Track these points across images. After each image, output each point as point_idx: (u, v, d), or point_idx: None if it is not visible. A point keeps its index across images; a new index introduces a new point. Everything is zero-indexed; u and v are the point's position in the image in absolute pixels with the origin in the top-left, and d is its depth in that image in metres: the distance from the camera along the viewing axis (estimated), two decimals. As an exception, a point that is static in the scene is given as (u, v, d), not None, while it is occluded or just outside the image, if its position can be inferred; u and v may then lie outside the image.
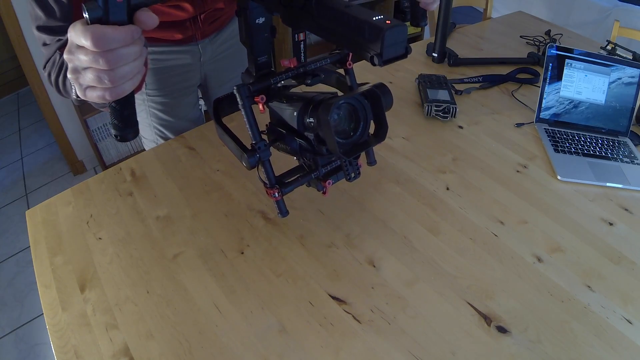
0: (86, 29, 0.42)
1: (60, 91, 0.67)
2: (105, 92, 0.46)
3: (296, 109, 0.59)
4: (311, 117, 0.57)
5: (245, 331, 0.64)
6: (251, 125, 0.59)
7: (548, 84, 1.04)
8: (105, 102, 0.48)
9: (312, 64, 0.61)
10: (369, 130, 0.59)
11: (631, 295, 0.69)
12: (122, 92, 0.47)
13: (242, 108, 0.57)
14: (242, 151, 0.60)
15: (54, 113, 2.09)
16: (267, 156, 0.61)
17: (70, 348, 0.63)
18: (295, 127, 0.60)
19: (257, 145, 0.59)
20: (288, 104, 0.61)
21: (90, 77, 0.45)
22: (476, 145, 0.98)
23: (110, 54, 0.43)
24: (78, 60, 0.45)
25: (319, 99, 0.58)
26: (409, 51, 0.45)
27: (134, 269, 0.73)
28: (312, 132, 0.59)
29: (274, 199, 0.63)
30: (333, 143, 0.53)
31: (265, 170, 0.62)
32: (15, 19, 1.79)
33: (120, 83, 0.46)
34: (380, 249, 0.75)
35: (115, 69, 0.45)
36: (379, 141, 0.58)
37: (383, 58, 0.42)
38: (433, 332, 0.64)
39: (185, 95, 1.08)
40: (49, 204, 0.86)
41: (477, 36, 1.46)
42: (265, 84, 0.58)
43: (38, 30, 0.65)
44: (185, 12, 0.86)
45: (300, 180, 0.64)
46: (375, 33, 0.42)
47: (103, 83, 0.45)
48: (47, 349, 1.56)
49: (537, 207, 0.83)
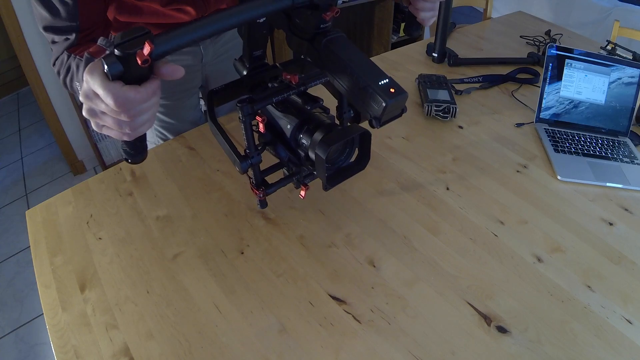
0: (107, 90, 0.42)
1: (69, 89, 0.69)
2: (123, 135, 0.48)
3: (291, 123, 0.61)
4: (305, 138, 0.60)
5: (245, 331, 0.64)
6: (248, 139, 0.61)
7: (548, 84, 1.04)
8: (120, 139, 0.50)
9: (313, 81, 0.62)
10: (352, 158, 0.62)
11: (631, 295, 0.69)
12: (139, 134, 0.49)
13: (242, 124, 0.59)
14: (235, 156, 0.62)
15: (54, 113, 2.09)
16: (259, 162, 0.63)
17: (70, 348, 0.63)
18: (287, 137, 0.62)
19: (251, 154, 0.62)
20: (283, 113, 0.62)
21: (110, 122, 0.46)
22: (476, 145, 0.98)
23: (132, 111, 0.44)
24: (97, 106, 0.45)
25: (315, 121, 0.60)
26: (405, 111, 0.49)
27: (134, 269, 0.73)
28: (303, 151, 0.62)
29: (259, 198, 0.68)
30: (323, 176, 0.57)
31: (253, 172, 0.65)
32: (15, 19, 1.78)
33: (138, 129, 0.48)
34: (380, 249, 0.75)
35: (134, 119, 0.46)
36: (360, 169, 0.61)
37: (380, 122, 0.46)
38: (433, 332, 0.64)
39: (187, 97, 1.08)
40: (49, 204, 0.86)
41: (477, 36, 1.46)
42: (267, 102, 0.59)
43: (45, 30, 0.66)
44: (188, 15, 0.86)
45: (283, 182, 0.69)
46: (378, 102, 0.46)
47: (122, 130, 0.46)
48: (47, 349, 1.56)
49: (537, 207, 0.83)
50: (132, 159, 0.56)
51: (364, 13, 2.64)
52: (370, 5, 2.52)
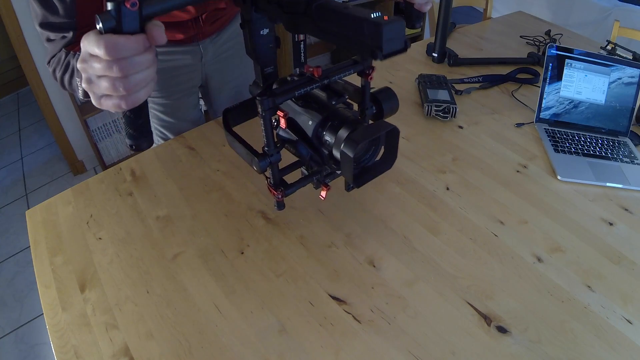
0: (99, 38, 0.43)
1: (65, 87, 0.68)
2: (120, 100, 0.47)
3: (313, 119, 0.58)
4: (328, 135, 0.57)
5: (245, 331, 0.64)
6: (268, 136, 0.58)
7: (548, 84, 1.04)
8: (120, 110, 0.49)
9: (336, 74, 0.59)
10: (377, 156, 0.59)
11: (631, 295, 0.69)
12: (137, 100, 0.48)
13: (262, 119, 0.56)
14: (252, 155, 0.59)
15: (54, 113, 2.09)
16: (278, 160, 0.60)
17: (70, 348, 0.63)
18: (309, 135, 0.59)
19: (270, 152, 0.59)
20: (304, 108, 0.59)
21: (105, 85, 0.46)
22: (476, 145, 0.98)
23: (123, 62, 0.44)
24: (92, 69, 0.46)
25: (340, 117, 0.57)
26: (408, 45, 0.46)
27: (134, 269, 0.73)
28: (326, 149, 0.58)
29: (277, 199, 0.64)
30: (349, 175, 0.54)
31: (272, 171, 0.62)
32: (15, 19, 1.78)
33: (135, 91, 0.47)
34: (380, 249, 0.75)
35: (129, 77, 0.45)
36: (386, 168, 0.59)
37: (383, 52, 0.44)
38: (433, 332, 0.64)
39: (187, 97, 1.08)
40: (49, 204, 0.86)
41: (477, 36, 1.46)
42: (289, 96, 0.56)
43: (41, 27, 0.65)
44: (187, 13, 0.86)
45: (304, 182, 0.65)
46: (374, 29, 0.43)
47: (118, 91, 0.46)
48: (47, 349, 1.56)
49: (537, 207, 0.83)
50: (135, 142, 0.53)
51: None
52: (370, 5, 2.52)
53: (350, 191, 0.69)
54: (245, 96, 1.17)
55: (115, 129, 2.24)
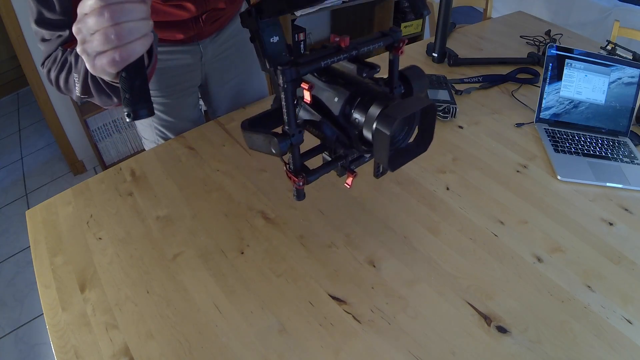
0: None
1: (61, 88, 0.66)
2: (114, 53, 0.45)
3: (339, 96, 0.52)
4: (358, 112, 0.51)
5: (245, 331, 0.64)
6: (289, 113, 0.51)
7: (548, 84, 1.04)
8: (115, 67, 0.47)
9: (364, 46, 0.53)
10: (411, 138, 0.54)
11: (631, 295, 0.69)
12: (131, 52, 0.46)
13: (283, 92, 0.50)
14: (271, 136, 0.53)
15: (54, 113, 2.09)
16: (300, 142, 0.53)
17: (70, 348, 0.63)
18: (335, 114, 0.53)
19: (291, 132, 0.52)
20: (328, 84, 0.54)
21: (98, 38, 0.45)
22: (476, 145, 0.98)
23: (114, 7, 0.44)
24: (85, 26, 0.45)
25: (370, 93, 0.51)
26: None
27: (134, 269, 0.73)
28: (356, 129, 0.52)
29: (297, 186, 0.57)
30: (385, 157, 0.48)
31: (293, 155, 0.55)
32: (15, 19, 1.79)
33: (128, 40, 0.45)
34: (380, 249, 0.75)
35: (121, 24, 0.44)
36: (422, 151, 0.53)
37: None
38: (433, 332, 0.64)
39: (187, 96, 1.08)
40: (49, 204, 0.86)
41: (477, 36, 1.46)
42: (315, 66, 0.50)
43: (37, 24, 0.64)
44: (188, 12, 0.86)
45: (326, 168, 0.58)
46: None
47: (110, 40, 0.44)
48: (47, 349, 1.56)
49: (537, 207, 0.83)
50: (132, 108, 0.49)
51: (364, 13, 2.64)
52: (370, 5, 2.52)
53: (379, 177, 0.61)
54: (245, 96, 1.17)
55: (115, 129, 2.24)
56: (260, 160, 0.94)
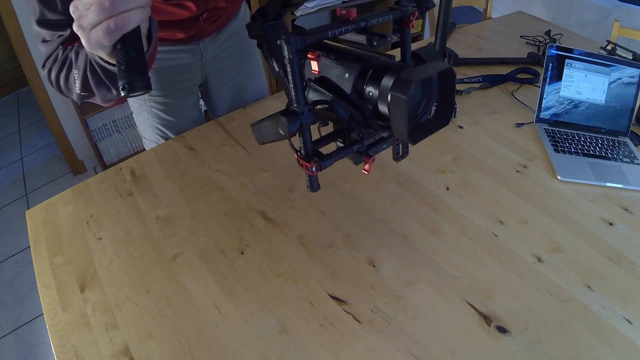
0: None
1: (61, 88, 0.66)
2: (109, 21, 0.45)
3: (350, 72, 0.50)
4: (371, 86, 0.48)
5: (245, 331, 0.64)
6: (297, 86, 0.48)
7: (548, 84, 1.04)
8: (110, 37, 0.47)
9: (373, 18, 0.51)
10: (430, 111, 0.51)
11: (631, 295, 0.69)
12: (126, 20, 0.46)
13: (289, 64, 0.47)
14: (279, 116, 0.50)
15: (54, 113, 2.09)
16: (310, 122, 0.50)
17: (70, 348, 0.63)
18: (347, 92, 0.50)
19: (300, 109, 0.49)
20: (337, 61, 0.51)
21: (93, 9, 0.45)
22: (476, 145, 0.98)
23: None
24: (82, 2, 0.46)
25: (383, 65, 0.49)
26: None
27: (134, 269, 0.73)
28: (369, 104, 0.50)
29: (310, 173, 0.53)
30: (404, 127, 0.45)
31: (303, 138, 0.51)
32: (15, 19, 1.78)
33: (123, 9, 0.45)
34: (380, 249, 0.75)
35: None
36: (442, 125, 0.50)
37: None
38: (433, 332, 0.64)
39: (187, 96, 1.08)
40: (49, 204, 0.86)
41: (477, 36, 1.46)
42: (322, 36, 0.48)
43: (38, 25, 0.65)
44: (188, 11, 0.86)
45: (341, 153, 0.54)
46: None
47: (104, 9, 0.45)
48: (47, 349, 1.56)
49: (537, 207, 0.83)
50: (127, 80, 0.47)
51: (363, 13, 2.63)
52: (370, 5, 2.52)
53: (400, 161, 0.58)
54: (245, 95, 1.17)
55: (115, 129, 2.24)
56: (261, 160, 0.94)
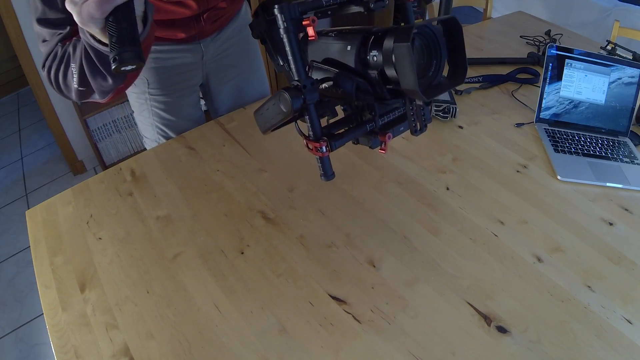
0: None
1: (60, 86, 0.66)
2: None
3: (352, 44, 0.49)
4: (374, 52, 0.47)
5: (245, 331, 0.64)
6: (295, 56, 0.46)
7: (548, 84, 1.03)
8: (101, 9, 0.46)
9: None
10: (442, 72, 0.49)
11: (631, 295, 0.69)
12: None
13: (285, 33, 0.46)
14: (281, 91, 0.47)
15: (54, 113, 2.09)
16: (315, 98, 0.47)
17: (70, 348, 0.63)
18: (352, 66, 0.49)
19: (302, 84, 0.46)
20: (337, 38, 0.50)
21: None
22: (476, 145, 0.98)
23: None
24: None
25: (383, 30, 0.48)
26: None
27: (134, 269, 0.73)
28: (375, 70, 0.48)
29: (320, 154, 0.49)
30: (413, 77, 0.42)
31: (309, 117, 0.48)
32: (15, 19, 1.78)
33: None
34: (380, 249, 0.75)
35: None
36: (457, 83, 0.48)
37: None
38: (433, 332, 0.64)
39: (188, 95, 1.08)
40: (49, 204, 0.86)
41: (477, 36, 1.46)
42: (316, 4, 0.47)
43: (39, 23, 0.65)
44: (189, 10, 0.86)
45: (354, 132, 0.52)
46: None
47: None
48: (47, 349, 1.56)
49: (537, 207, 0.83)
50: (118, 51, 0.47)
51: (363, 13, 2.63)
52: (370, 5, 2.52)
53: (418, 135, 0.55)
54: (246, 95, 1.17)
55: (115, 129, 2.24)
56: (260, 160, 0.94)
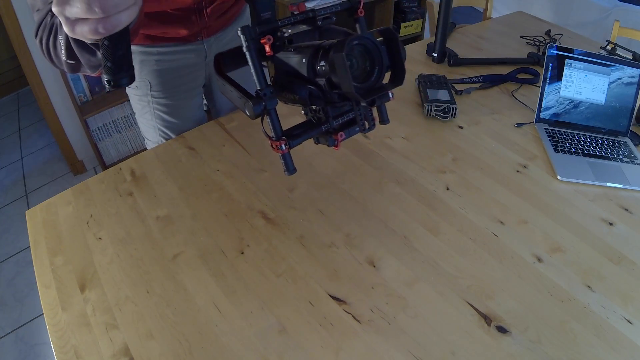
0: None
1: (52, 56, 0.63)
2: (97, 24, 0.41)
3: (305, 56, 0.54)
4: (322, 62, 0.52)
5: (245, 331, 0.64)
6: (257, 70, 0.54)
7: (548, 84, 1.04)
8: (97, 36, 0.43)
9: (322, 11, 0.57)
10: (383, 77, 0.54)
11: (631, 295, 0.69)
12: (116, 24, 0.42)
13: (247, 51, 0.52)
14: (245, 98, 0.54)
15: (54, 113, 2.09)
16: (274, 104, 0.54)
17: (70, 348, 0.63)
18: (305, 75, 0.55)
19: (262, 92, 0.54)
20: (296, 52, 0.56)
21: (79, 6, 0.40)
22: (476, 145, 0.98)
23: None
24: None
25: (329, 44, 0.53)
26: None
27: (134, 269, 0.73)
28: (324, 77, 0.54)
29: (281, 151, 0.56)
30: (348, 81, 0.48)
31: (271, 120, 0.55)
32: (15, 19, 1.78)
33: (113, 12, 0.41)
34: (380, 249, 0.75)
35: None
36: (396, 85, 0.53)
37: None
38: (433, 332, 0.64)
39: (191, 97, 1.07)
40: (49, 204, 0.86)
41: (477, 36, 1.46)
42: (273, 25, 0.54)
43: None
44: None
45: (310, 132, 0.58)
46: None
47: (93, 12, 0.40)
48: (47, 349, 1.56)
49: (537, 207, 0.83)
50: (113, 77, 0.47)
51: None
52: (370, 5, 2.52)
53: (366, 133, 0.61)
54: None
55: (115, 129, 2.24)
56: (260, 160, 0.94)
